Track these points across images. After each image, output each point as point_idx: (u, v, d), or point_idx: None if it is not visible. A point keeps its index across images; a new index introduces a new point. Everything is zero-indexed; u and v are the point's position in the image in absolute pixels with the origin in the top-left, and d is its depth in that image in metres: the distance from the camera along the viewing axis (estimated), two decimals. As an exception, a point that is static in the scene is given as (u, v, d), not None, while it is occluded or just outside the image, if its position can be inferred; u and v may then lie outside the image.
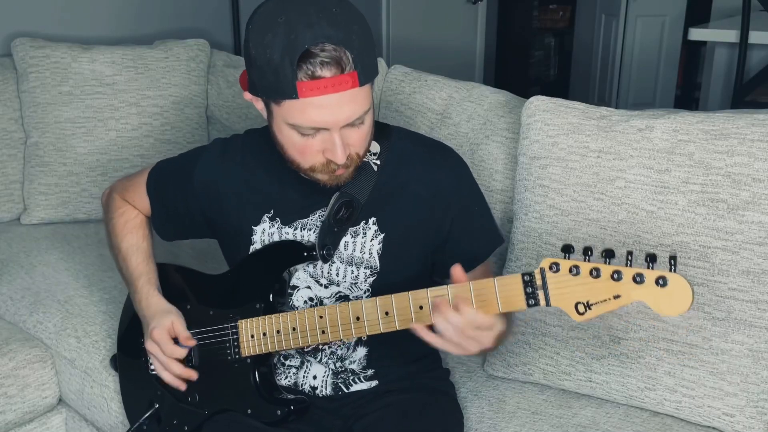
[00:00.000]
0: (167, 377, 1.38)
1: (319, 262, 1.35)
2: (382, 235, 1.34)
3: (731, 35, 3.05)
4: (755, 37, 2.97)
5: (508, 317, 1.26)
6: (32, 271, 2.05)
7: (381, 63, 2.05)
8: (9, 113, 2.31)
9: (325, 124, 1.17)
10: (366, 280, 1.35)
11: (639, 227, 1.40)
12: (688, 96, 5.38)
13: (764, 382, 1.34)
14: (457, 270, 1.16)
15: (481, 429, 1.44)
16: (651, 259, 1.06)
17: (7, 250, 2.16)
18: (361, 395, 1.39)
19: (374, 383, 1.40)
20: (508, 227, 1.69)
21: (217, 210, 1.42)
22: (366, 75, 1.17)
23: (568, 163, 1.48)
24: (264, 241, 1.37)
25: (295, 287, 1.38)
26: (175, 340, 1.37)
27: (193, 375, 1.38)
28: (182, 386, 1.39)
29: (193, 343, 1.37)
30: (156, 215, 1.50)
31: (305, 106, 1.15)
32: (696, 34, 3.18)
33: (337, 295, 1.37)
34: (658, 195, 1.39)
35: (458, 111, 1.83)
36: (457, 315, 1.13)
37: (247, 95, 1.24)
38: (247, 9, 3.14)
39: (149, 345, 1.38)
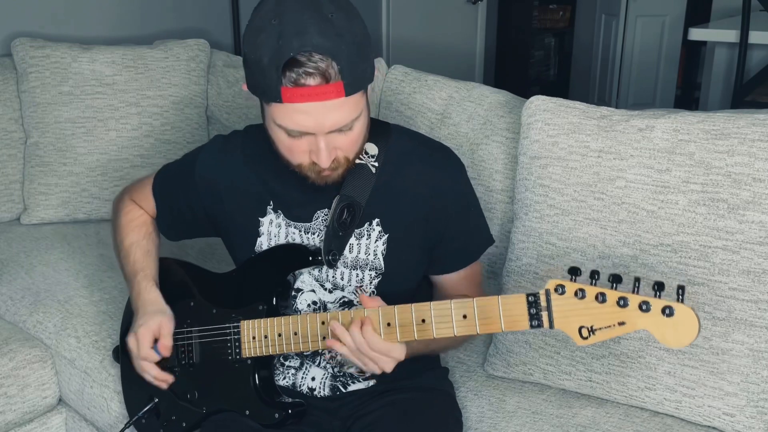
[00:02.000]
0: (147, 377, 1.39)
1: (324, 266, 1.35)
2: (386, 236, 1.34)
3: (731, 35, 3.05)
4: (755, 37, 2.97)
5: (424, 347, 1.29)
6: (32, 271, 2.05)
7: (381, 63, 2.05)
8: (9, 113, 2.31)
9: (309, 129, 1.18)
10: (371, 282, 1.35)
11: (639, 227, 1.41)
12: (688, 96, 5.38)
13: (764, 382, 1.34)
14: (363, 297, 1.22)
15: (481, 428, 1.44)
16: (659, 287, 1.05)
17: (7, 250, 2.16)
18: (360, 395, 1.39)
19: (372, 383, 1.40)
20: (508, 227, 1.69)
21: (219, 206, 1.42)
22: (354, 85, 1.16)
23: (568, 162, 1.48)
24: (271, 232, 1.38)
25: (299, 290, 1.38)
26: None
27: (168, 379, 1.39)
28: (163, 385, 1.40)
29: (167, 353, 1.38)
30: (161, 216, 1.52)
31: (290, 110, 1.16)
32: (696, 34, 3.18)
33: (342, 300, 1.37)
34: (659, 195, 1.39)
35: (458, 111, 1.83)
36: (358, 333, 1.19)
37: (245, 87, 1.24)
38: (247, 9, 3.14)
39: (130, 340, 1.38)
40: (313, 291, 1.38)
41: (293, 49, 1.11)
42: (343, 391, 1.39)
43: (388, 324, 1.20)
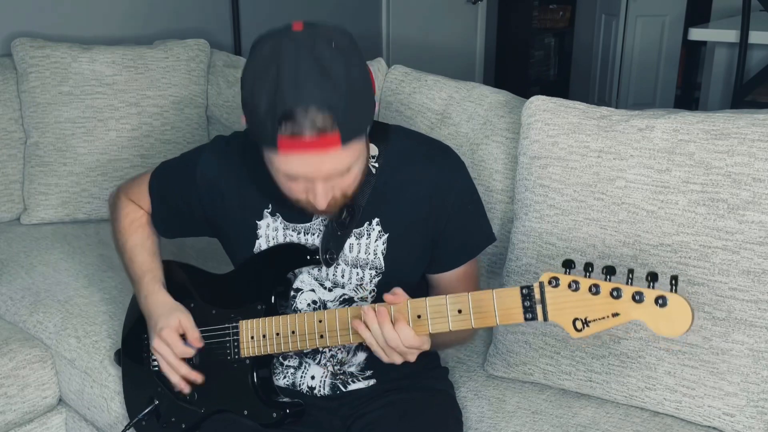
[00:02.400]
0: (175, 379, 1.38)
1: (323, 265, 1.35)
2: (386, 236, 1.34)
3: (731, 35, 3.05)
4: (755, 37, 2.97)
5: (440, 338, 1.27)
6: (32, 271, 2.05)
7: (381, 63, 2.06)
8: (9, 113, 2.31)
9: (307, 176, 1.18)
10: (371, 281, 1.35)
11: (639, 227, 1.41)
12: (688, 96, 5.38)
13: (764, 382, 1.34)
14: (395, 293, 1.21)
15: (481, 428, 1.44)
16: (652, 277, 1.06)
17: (7, 250, 2.16)
18: (360, 394, 1.39)
19: (372, 382, 1.40)
20: (508, 227, 1.69)
21: (219, 207, 1.42)
22: (351, 134, 1.15)
23: (568, 162, 1.48)
24: (269, 235, 1.38)
25: (298, 290, 1.38)
26: (183, 338, 1.38)
27: (198, 378, 1.38)
28: (187, 389, 1.39)
29: (200, 344, 1.37)
30: (156, 213, 1.51)
31: (287, 158, 1.16)
32: (696, 34, 3.18)
33: (342, 298, 1.37)
34: (659, 195, 1.40)
35: (458, 111, 1.83)
36: (392, 331, 1.18)
37: (244, 121, 1.23)
38: (247, 9, 3.15)
39: (157, 345, 1.37)
40: (313, 290, 1.38)
41: (289, 102, 1.10)
42: (343, 390, 1.39)
43: None
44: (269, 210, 1.38)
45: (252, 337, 1.33)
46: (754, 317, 1.33)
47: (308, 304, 1.38)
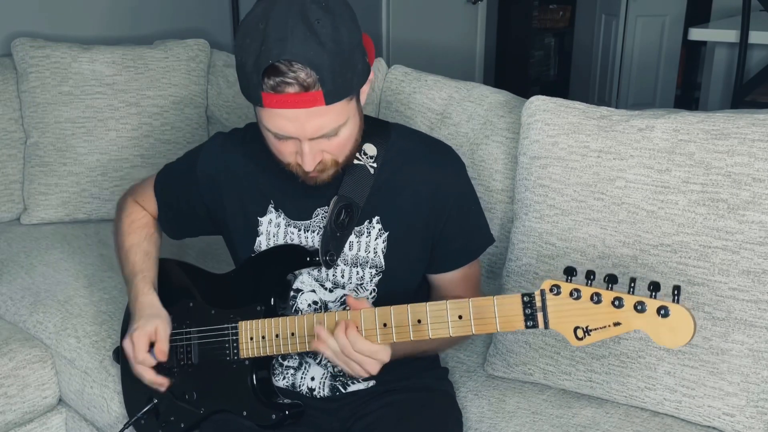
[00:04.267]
0: (143, 380, 1.41)
1: (322, 267, 1.35)
2: (386, 234, 1.34)
3: (731, 35, 3.05)
4: (755, 37, 2.97)
5: (410, 348, 1.28)
6: (32, 271, 2.05)
7: (381, 63, 2.06)
8: (9, 113, 2.31)
9: (292, 134, 1.18)
10: (371, 280, 1.35)
11: (639, 227, 1.41)
12: (688, 96, 5.38)
13: (764, 382, 1.34)
14: (350, 299, 1.22)
15: (481, 429, 1.44)
16: (654, 287, 1.05)
17: (7, 250, 2.16)
18: (359, 395, 1.39)
19: (372, 383, 1.40)
20: (508, 227, 1.69)
21: (220, 203, 1.43)
22: (336, 94, 1.15)
23: (568, 162, 1.48)
24: (270, 232, 1.38)
25: (299, 291, 1.38)
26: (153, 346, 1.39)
27: (164, 383, 1.40)
28: (160, 388, 1.41)
29: (163, 358, 1.38)
30: (162, 214, 1.52)
31: (273, 114, 1.17)
32: (696, 34, 3.18)
33: (342, 299, 1.37)
34: (659, 195, 1.39)
35: (458, 111, 1.83)
36: (342, 335, 1.18)
37: None
38: (246, 9, 3.14)
39: (125, 344, 1.39)
40: (314, 291, 1.38)
41: (273, 56, 1.11)
42: (343, 391, 1.39)
43: (384, 324, 1.20)
44: (272, 205, 1.38)
45: (251, 338, 1.33)
46: (754, 317, 1.33)
47: (309, 305, 1.38)
